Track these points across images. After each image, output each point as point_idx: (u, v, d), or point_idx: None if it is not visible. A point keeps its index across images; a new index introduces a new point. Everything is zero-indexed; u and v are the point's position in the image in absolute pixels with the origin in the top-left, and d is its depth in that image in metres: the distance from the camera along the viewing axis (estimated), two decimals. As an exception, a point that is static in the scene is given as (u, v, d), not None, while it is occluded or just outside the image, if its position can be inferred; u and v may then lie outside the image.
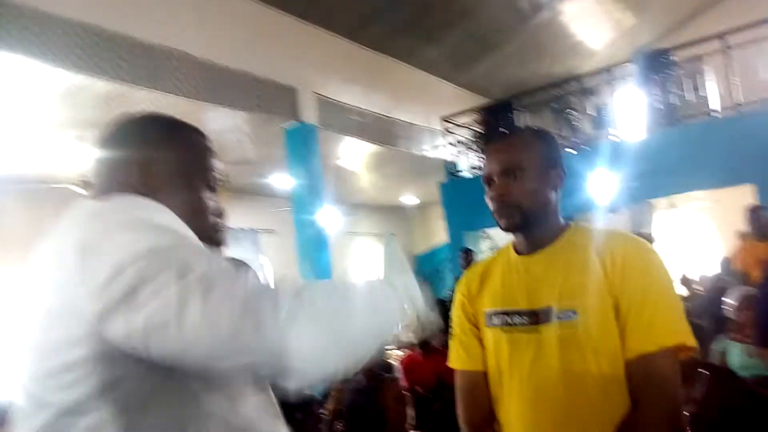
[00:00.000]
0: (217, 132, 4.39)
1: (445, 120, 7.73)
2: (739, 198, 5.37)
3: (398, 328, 0.81)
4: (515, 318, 1.16)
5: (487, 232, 7.70)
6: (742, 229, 4.79)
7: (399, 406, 3.44)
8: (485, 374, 1.23)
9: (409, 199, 10.98)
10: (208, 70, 4.88)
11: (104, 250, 0.68)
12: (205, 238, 0.88)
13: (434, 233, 11.02)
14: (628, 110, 6.87)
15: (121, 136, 0.88)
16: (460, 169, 7.74)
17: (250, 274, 0.72)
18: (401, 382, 3.70)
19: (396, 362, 3.99)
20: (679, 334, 1.05)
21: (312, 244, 5.63)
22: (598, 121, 6.94)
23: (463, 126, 7.76)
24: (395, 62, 7.22)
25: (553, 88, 7.47)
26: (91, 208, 0.79)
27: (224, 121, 5.34)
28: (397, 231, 11.52)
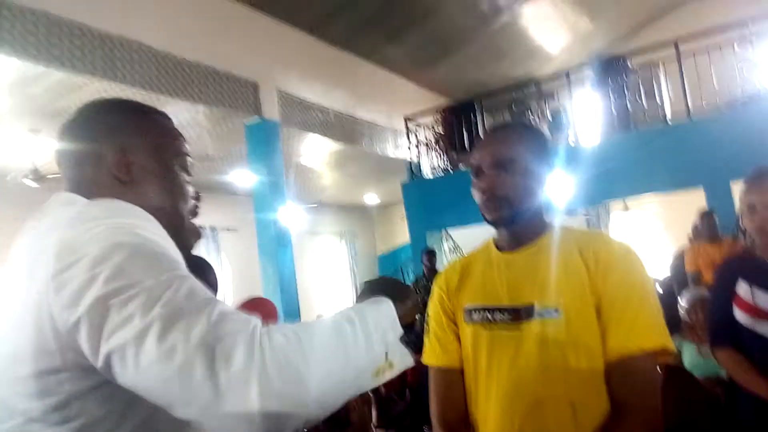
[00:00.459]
0: (177, 126, 4.25)
1: (407, 120, 7.75)
2: (690, 201, 5.60)
3: (373, 381, 0.71)
4: (496, 314, 1.14)
5: (449, 233, 7.77)
6: (692, 232, 4.98)
7: (362, 407, 3.42)
8: (461, 371, 1.20)
9: (372, 199, 10.97)
10: (167, 62, 4.71)
11: (81, 262, 0.64)
12: (185, 227, 0.86)
13: (396, 233, 11.07)
14: (585, 114, 7.06)
15: (89, 124, 0.83)
16: (422, 170, 7.77)
17: (219, 303, 0.64)
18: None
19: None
20: (661, 337, 1.05)
21: (274, 243, 5.53)
22: (556, 124, 7.09)
23: (426, 126, 7.80)
24: (358, 60, 7.16)
25: (512, 91, 7.59)
26: (75, 212, 0.72)
27: (184, 116, 5.19)
28: (360, 230, 11.51)
